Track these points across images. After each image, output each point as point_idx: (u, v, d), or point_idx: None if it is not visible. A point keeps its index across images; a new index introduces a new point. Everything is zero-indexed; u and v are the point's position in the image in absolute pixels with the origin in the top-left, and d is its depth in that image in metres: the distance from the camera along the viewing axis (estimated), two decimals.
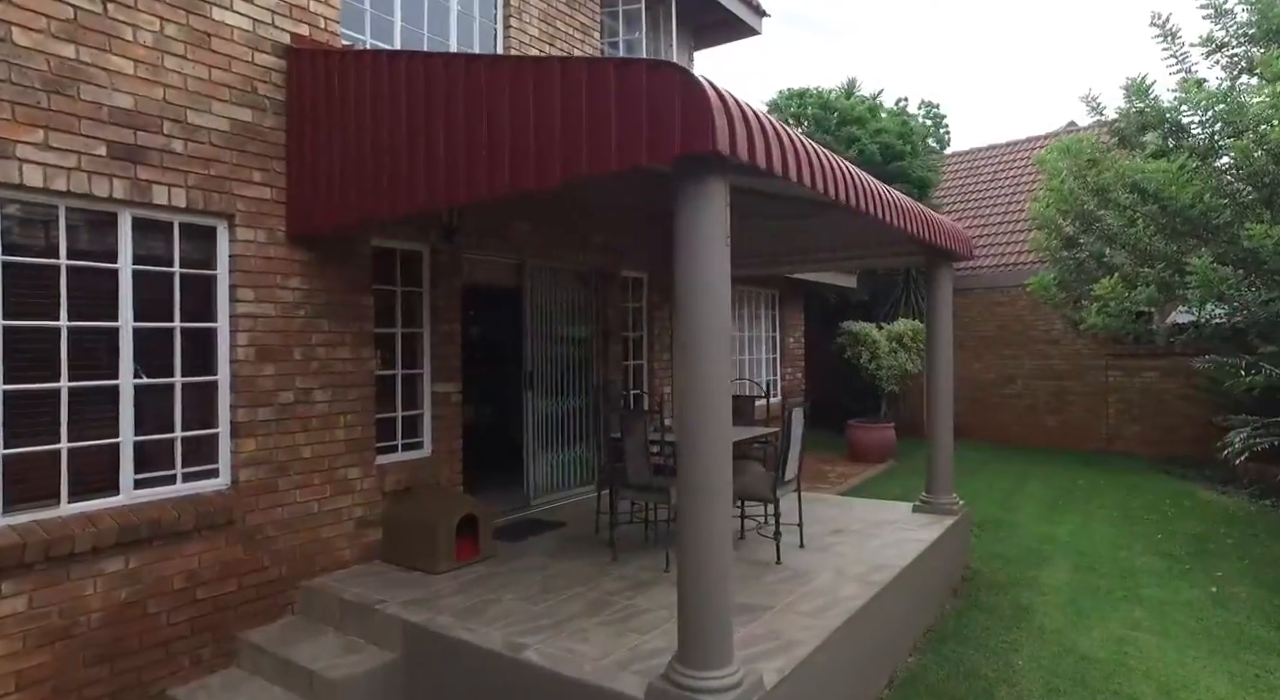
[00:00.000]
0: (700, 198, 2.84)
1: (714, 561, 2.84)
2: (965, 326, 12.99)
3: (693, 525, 2.85)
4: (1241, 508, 8.02)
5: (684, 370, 2.91)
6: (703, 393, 2.86)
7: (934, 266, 6.06)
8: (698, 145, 2.64)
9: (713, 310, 2.89)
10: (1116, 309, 7.45)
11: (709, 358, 2.87)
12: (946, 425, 6.08)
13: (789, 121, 12.97)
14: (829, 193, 3.66)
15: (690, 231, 2.88)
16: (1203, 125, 7.67)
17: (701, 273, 2.88)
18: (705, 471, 2.85)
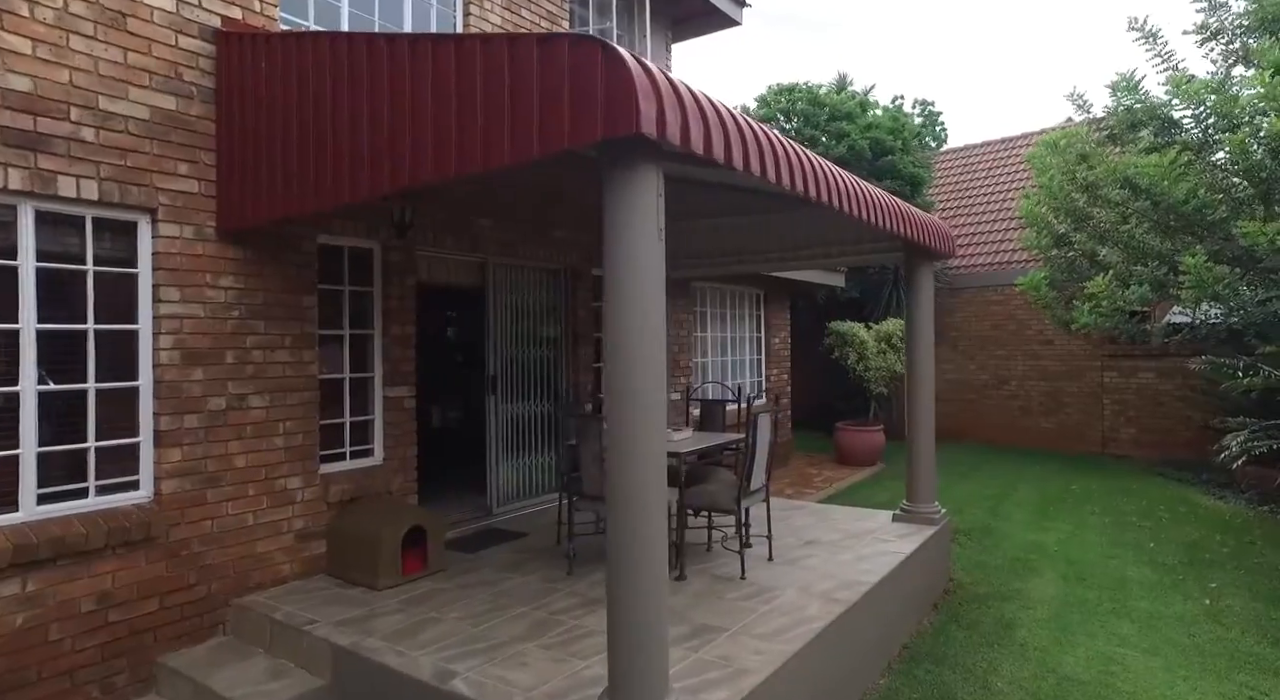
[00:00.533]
0: (629, 186, 2.58)
1: (644, 585, 2.59)
2: (958, 326, 12.73)
3: (623, 544, 2.60)
4: (1239, 514, 7.75)
5: (613, 374, 2.66)
6: (633, 399, 2.62)
7: (913, 264, 5.80)
8: (622, 128, 2.38)
9: (643, 309, 2.64)
10: (1109, 308, 7.18)
11: (640, 361, 2.63)
12: (927, 430, 5.83)
13: (777, 118, 12.72)
14: (787, 184, 3.40)
15: (619, 224, 2.62)
16: (1196, 119, 7.42)
17: (631, 269, 2.63)
18: (636, 484, 2.60)
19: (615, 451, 2.65)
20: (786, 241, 6.69)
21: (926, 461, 5.80)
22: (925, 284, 5.80)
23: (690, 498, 4.65)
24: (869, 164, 11.94)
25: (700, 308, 8.64)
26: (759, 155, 3.06)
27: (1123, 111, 8.42)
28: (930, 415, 5.84)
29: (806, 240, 6.56)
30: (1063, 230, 8.75)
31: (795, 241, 6.63)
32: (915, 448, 5.83)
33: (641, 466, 2.61)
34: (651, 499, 2.62)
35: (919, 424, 5.81)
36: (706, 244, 7.27)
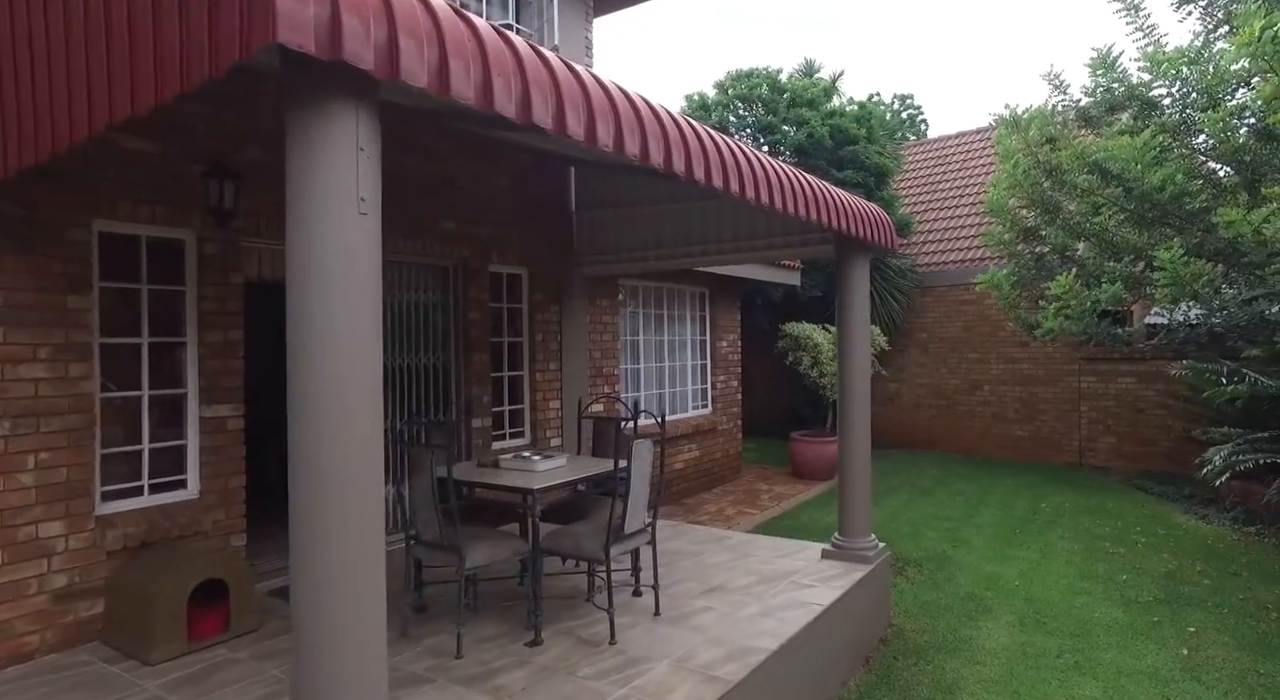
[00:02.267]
0: (310, 129, 1.75)
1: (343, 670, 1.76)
2: (928, 328, 11.95)
3: (310, 613, 1.78)
4: (1222, 537, 6.97)
5: (296, 385, 1.82)
6: (321, 418, 1.78)
7: (845, 257, 4.99)
8: (256, 37, 1.54)
9: (335, 302, 1.80)
10: (1077, 310, 6.38)
11: (330, 370, 1.79)
12: (861, 451, 5.01)
13: (735, 104, 11.91)
14: (634, 152, 2.60)
15: (300, 184, 1.78)
16: (1174, 97, 6.63)
17: (317, 249, 1.78)
18: (326, 546, 1.78)
19: (295, 485, 1.82)
20: (711, 234, 5.88)
21: (859, 487, 4.99)
22: (859, 280, 4.99)
23: (551, 541, 3.81)
24: (830, 153, 11.14)
25: (631, 308, 7.81)
26: (579, 112, 2.24)
27: (1101, 92, 7.64)
28: (864, 433, 5.03)
29: (734, 233, 5.76)
30: (1032, 223, 7.96)
31: (720, 234, 5.82)
32: (846, 472, 5.01)
33: (335, 527, 1.78)
34: (352, 565, 1.79)
35: (851, 444, 5.00)
36: (625, 236, 6.45)
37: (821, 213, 4.36)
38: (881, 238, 4.91)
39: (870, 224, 4.82)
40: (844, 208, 4.59)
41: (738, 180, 3.45)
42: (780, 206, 3.87)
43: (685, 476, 8.39)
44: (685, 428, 8.30)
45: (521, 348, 6.39)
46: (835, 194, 4.58)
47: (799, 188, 4.10)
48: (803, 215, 4.14)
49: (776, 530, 7.12)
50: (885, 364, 12.04)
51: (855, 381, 5.00)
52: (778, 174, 3.94)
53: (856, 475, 4.99)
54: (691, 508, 7.97)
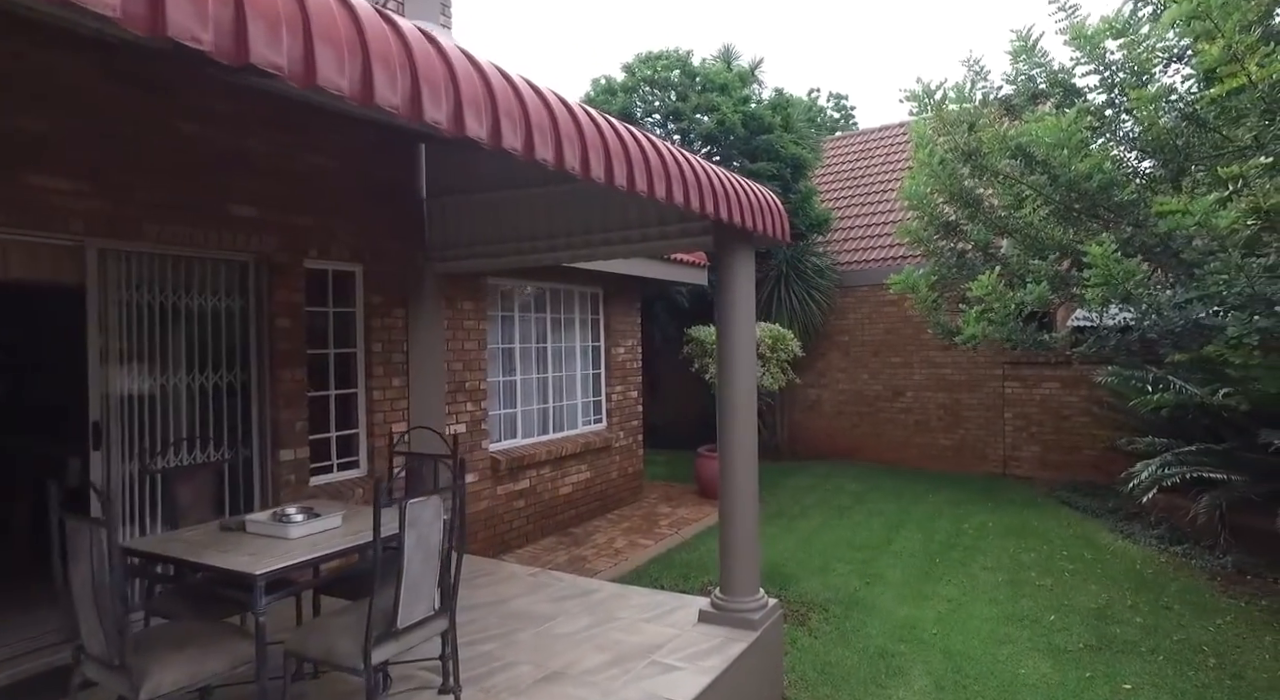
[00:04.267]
0: None
1: None
2: (849, 331, 11.27)
3: None
4: (1150, 560, 6.38)
5: None
6: None
7: (725, 248, 4.08)
8: None
9: None
10: (1001, 313, 5.65)
11: None
12: (746, 482, 4.11)
13: (641, 87, 10.97)
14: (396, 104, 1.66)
15: None
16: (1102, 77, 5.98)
17: None
18: None
19: None
20: (577, 224, 4.89)
21: (744, 530, 4.08)
22: (741, 276, 4.08)
23: (297, 641, 2.74)
24: (744, 142, 10.32)
25: (502, 311, 6.76)
26: None
27: (1022, 80, 6.99)
28: (749, 461, 4.12)
29: (602, 222, 4.78)
30: (952, 217, 7.26)
31: (589, 224, 4.84)
32: (728, 511, 4.10)
33: None
34: None
35: (733, 476, 4.08)
36: (486, 227, 5.40)
37: (693, 195, 3.44)
38: (769, 227, 4.01)
39: (755, 210, 3.91)
40: (723, 191, 3.68)
41: (577, 152, 2.52)
42: (639, 187, 2.98)
43: (574, 502, 7.39)
44: (573, 446, 7.30)
45: (355, 360, 5.28)
46: (713, 174, 3.67)
47: (663, 164, 3.18)
48: (666, 198, 3.24)
49: (671, 566, 6.21)
50: (805, 369, 11.31)
51: (737, 397, 4.08)
52: (640, 147, 3.03)
53: (740, 515, 4.08)
54: (579, 539, 6.98)
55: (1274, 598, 5.60)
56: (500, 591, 4.59)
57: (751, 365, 4.15)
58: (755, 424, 4.23)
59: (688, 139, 10.76)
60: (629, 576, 5.97)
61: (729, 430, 4.07)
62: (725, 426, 4.08)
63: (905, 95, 5.51)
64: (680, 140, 11.00)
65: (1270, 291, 4.66)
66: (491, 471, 6.33)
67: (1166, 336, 5.04)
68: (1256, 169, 3.31)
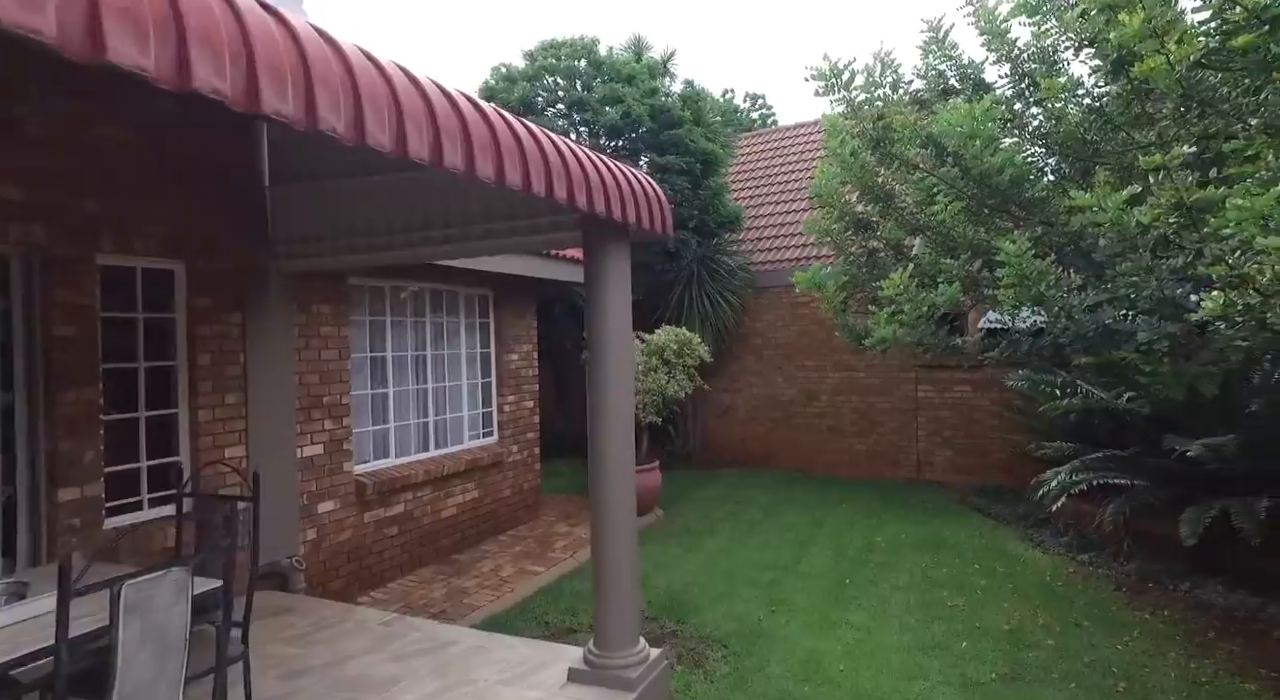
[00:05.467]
0: None
1: None
2: (762, 333, 10.91)
3: None
4: (1059, 571, 6.17)
5: None
6: None
7: (595, 243, 3.50)
8: None
9: None
10: (912, 315, 5.28)
11: None
12: (622, 515, 3.53)
13: (544, 74, 10.31)
14: None
15: None
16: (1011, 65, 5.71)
17: None
18: None
19: None
20: (436, 217, 4.21)
21: (621, 574, 3.50)
22: (614, 274, 3.50)
23: None
24: (652, 135, 9.80)
25: (371, 315, 5.99)
26: None
27: (933, 75, 6.69)
28: (625, 491, 3.56)
29: (464, 214, 4.12)
30: (864, 213, 6.91)
31: (447, 217, 4.17)
32: (601, 552, 3.51)
33: None
34: None
35: (608, 508, 3.50)
36: (341, 219, 4.66)
37: (557, 183, 2.87)
38: (648, 219, 3.45)
39: (631, 201, 3.35)
40: (595, 179, 3.10)
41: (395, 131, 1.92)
42: (481, 172, 2.39)
43: (459, 526, 6.67)
44: (458, 464, 6.59)
45: (175, 375, 4.44)
46: (582, 159, 3.08)
47: (518, 146, 2.60)
48: (524, 186, 2.67)
49: (560, 598, 5.59)
50: (718, 373, 10.89)
51: (610, 414, 3.50)
52: (488, 125, 2.45)
53: (616, 554, 3.50)
54: (462, 567, 6.27)
55: (1175, 607, 5.46)
56: (341, 648, 3.87)
57: (628, 377, 3.58)
58: (632, 445, 3.66)
59: (593, 131, 10.17)
60: (511, 612, 5.33)
61: (601, 455, 3.48)
62: (597, 450, 3.50)
63: (811, 73, 5.08)
64: (586, 133, 10.40)
65: (1178, 295, 4.42)
66: (356, 497, 5.56)
67: (1078, 341, 4.74)
68: (1179, 159, 2.96)
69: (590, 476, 3.52)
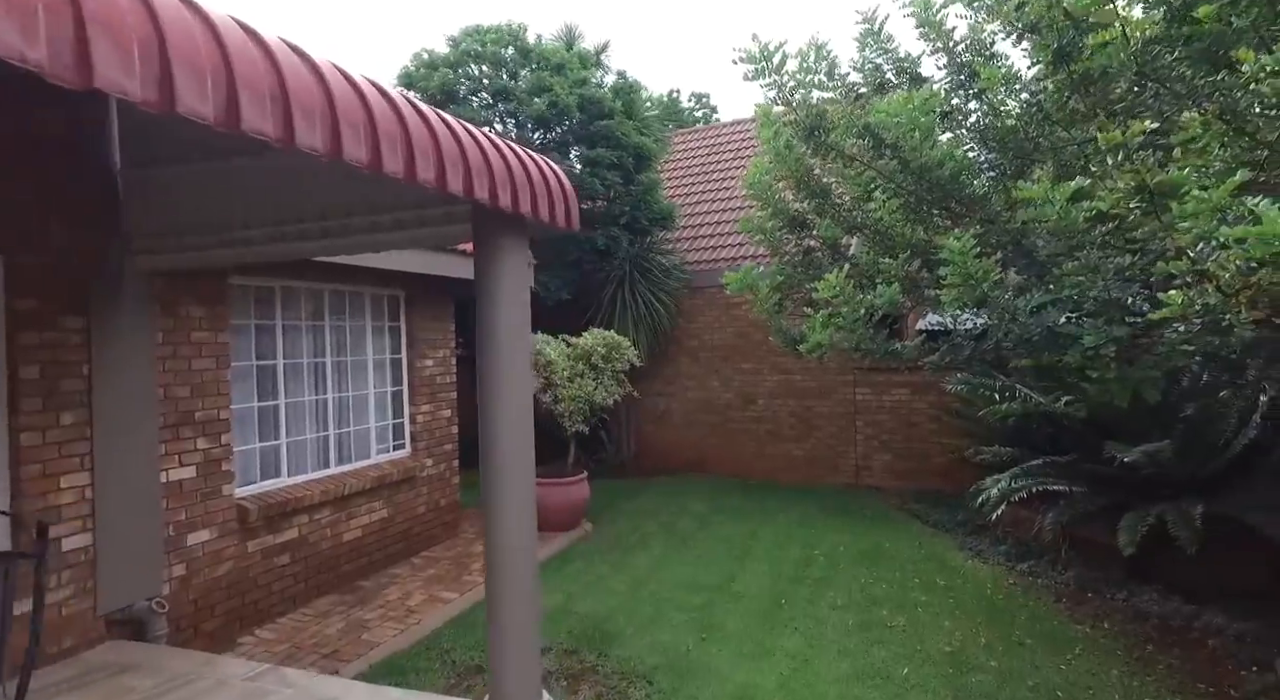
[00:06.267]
0: None
1: None
2: (698, 335, 10.55)
3: None
4: (999, 583, 5.96)
5: None
6: None
7: (487, 236, 3.00)
8: None
9: None
10: (849, 318, 4.94)
11: None
12: (520, 544, 3.04)
13: (468, 61, 9.70)
14: None
15: None
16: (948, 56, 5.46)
17: None
18: None
19: None
20: (312, 209, 3.64)
21: (519, 619, 3.01)
22: (507, 270, 3.01)
23: None
24: (582, 127, 9.32)
25: (257, 319, 5.34)
26: None
27: (870, 68, 6.41)
28: (524, 514, 3.07)
29: (345, 206, 3.56)
30: (799, 210, 6.58)
31: (325, 208, 3.61)
32: (497, 591, 3.01)
33: None
34: None
35: (502, 540, 3.01)
36: (206, 209, 4.03)
37: (451, 173, 2.39)
38: (546, 209, 2.97)
39: (528, 189, 2.87)
40: (483, 162, 2.61)
41: None
42: (351, 155, 1.89)
43: (365, 549, 6.07)
44: (363, 481, 5.98)
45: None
46: (473, 139, 2.60)
47: (400, 125, 2.11)
48: (406, 173, 2.18)
49: (472, 630, 5.06)
50: (653, 377, 10.49)
51: (504, 431, 3.01)
52: (360, 98, 1.95)
53: (514, 595, 3.01)
54: (367, 596, 5.68)
55: (1114, 617, 5.29)
56: None
57: (524, 385, 3.10)
58: (531, 465, 3.18)
59: (519, 123, 9.62)
60: (415, 649, 4.78)
61: (495, 475, 2.99)
62: (490, 471, 3.00)
63: (740, 55, 4.68)
64: (514, 124, 9.84)
65: (1124, 295, 4.20)
66: (238, 524, 4.91)
67: (1022, 345, 4.48)
68: (1139, 136, 2.66)
69: (484, 498, 3.03)
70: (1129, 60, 3.09)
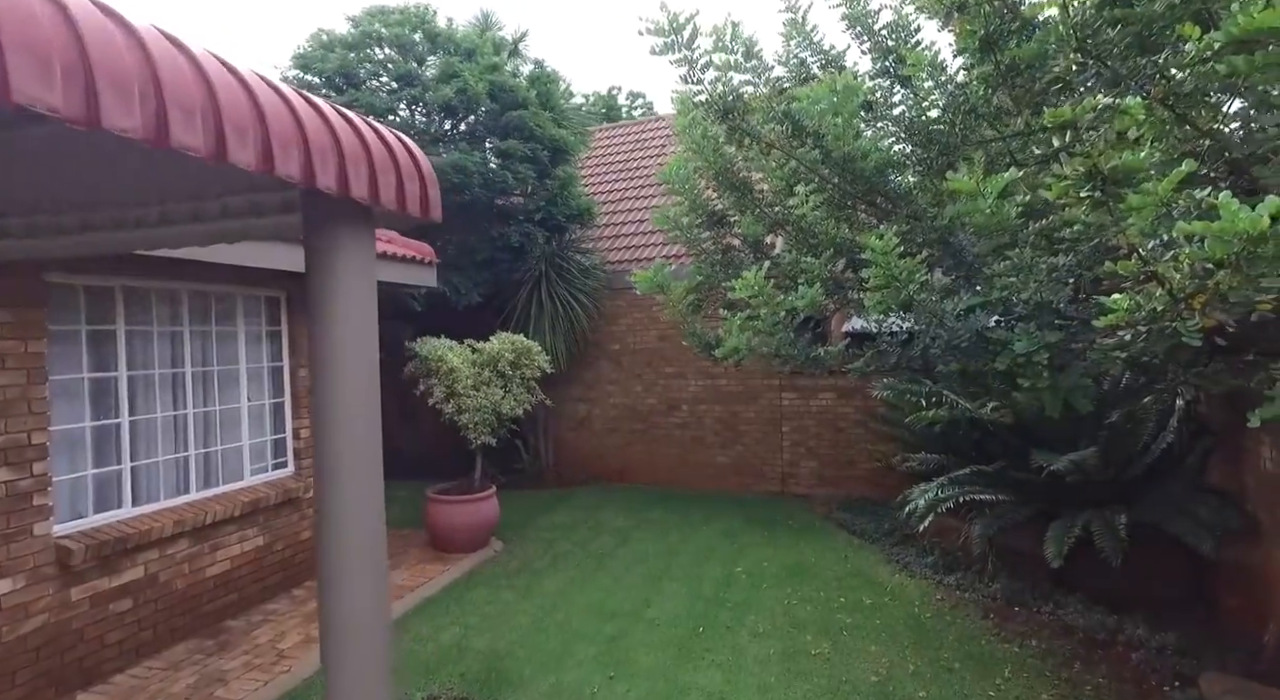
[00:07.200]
0: None
1: None
2: (620, 338, 10.07)
3: None
4: (927, 599, 5.69)
5: None
6: None
7: (320, 226, 2.42)
8: None
9: None
10: (768, 321, 4.53)
11: None
12: (366, 596, 2.47)
13: (369, 43, 8.96)
14: None
15: None
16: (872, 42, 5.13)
17: None
18: None
19: None
20: (124, 193, 2.97)
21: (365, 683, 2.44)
22: (348, 265, 2.42)
23: None
24: (493, 117, 8.71)
25: (90, 324, 4.57)
26: None
27: (795, 62, 6.06)
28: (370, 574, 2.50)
29: (159, 190, 2.92)
30: (719, 205, 6.17)
31: (141, 192, 2.95)
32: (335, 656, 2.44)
33: None
34: None
35: (337, 615, 2.44)
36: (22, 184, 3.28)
37: (282, 153, 1.82)
38: (392, 194, 2.41)
39: (370, 168, 2.31)
40: (315, 135, 2.05)
41: None
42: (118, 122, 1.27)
43: (235, 584, 5.34)
44: (233, 506, 5.26)
45: None
46: (299, 102, 2.03)
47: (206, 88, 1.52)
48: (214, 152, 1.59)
49: None
50: (573, 381, 9.97)
51: (343, 466, 2.43)
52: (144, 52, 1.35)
53: (358, 659, 2.44)
54: (233, 639, 4.96)
55: (1041, 633, 5.09)
56: None
57: (369, 407, 2.53)
58: (381, 510, 2.62)
59: (427, 111, 8.94)
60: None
61: (330, 525, 2.41)
62: (326, 520, 2.43)
63: (648, 26, 4.22)
64: (422, 112, 9.15)
65: (1056, 298, 3.92)
66: (57, 568, 4.15)
67: (951, 351, 4.16)
68: (1091, 112, 2.32)
69: (317, 540, 2.45)
70: (1069, 34, 2.77)
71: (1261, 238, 2.00)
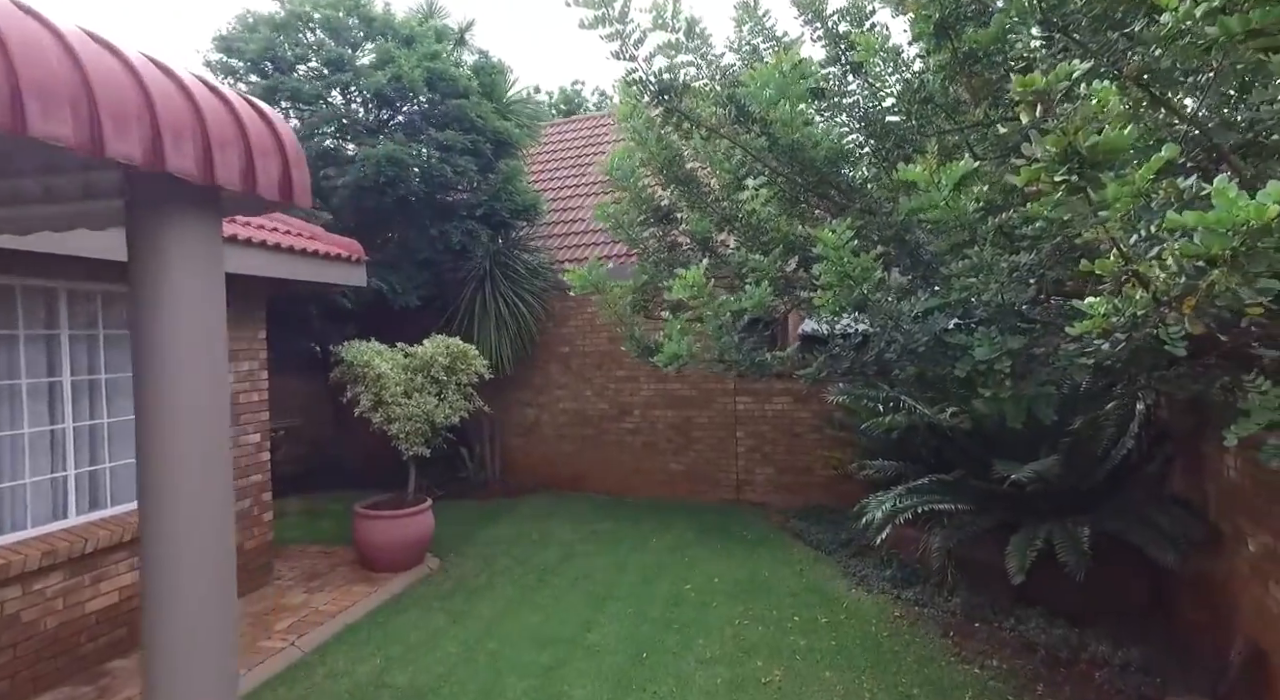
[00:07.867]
0: None
1: None
2: (570, 341, 9.66)
3: None
4: (884, 616, 5.40)
5: None
6: None
7: (149, 211, 1.97)
8: None
9: None
10: (711, 324, 4.17)
11: None
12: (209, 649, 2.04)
13: (297, 24, 8.39)
14: None
15: None
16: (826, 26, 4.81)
17: None
18: None
19: None
20: None
21: None
22: (184, 256, 1.97)
23: None
24: (432, 107, 8.23)
25: None
26: None
27: (747, 51, 5.72)
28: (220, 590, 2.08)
29: None
30: (667, 202, 5.81)
31: None
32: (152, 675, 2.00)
33: None
34: None
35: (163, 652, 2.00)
36: None
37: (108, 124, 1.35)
38: (237, 172, 1.97)
39: (191, 134, 1.87)
40: (106, 85, 1.60)
41: None
42: None
43: (124, 618, 4.80)
44: (122, 530, 4.71)
45: None
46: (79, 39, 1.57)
47: None
48: None
49: None
50: (521, 385, 9.53)
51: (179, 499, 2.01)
52: None
53: None
54: (118, 682, 4.42)
55: (1002, 652, 4.84)
56: None
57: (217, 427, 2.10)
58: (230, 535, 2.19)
59: (362, 99, 8.42)
60: None
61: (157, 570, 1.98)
62: (152, 566, 1.99)
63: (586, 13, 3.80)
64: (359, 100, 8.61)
65: (1019, 299, 3.63)
66: None
67: (907, 356, 3.85)
68: (1065, 80, 2.00)
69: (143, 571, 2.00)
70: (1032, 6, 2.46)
71: (1266, 229, 1.69)
